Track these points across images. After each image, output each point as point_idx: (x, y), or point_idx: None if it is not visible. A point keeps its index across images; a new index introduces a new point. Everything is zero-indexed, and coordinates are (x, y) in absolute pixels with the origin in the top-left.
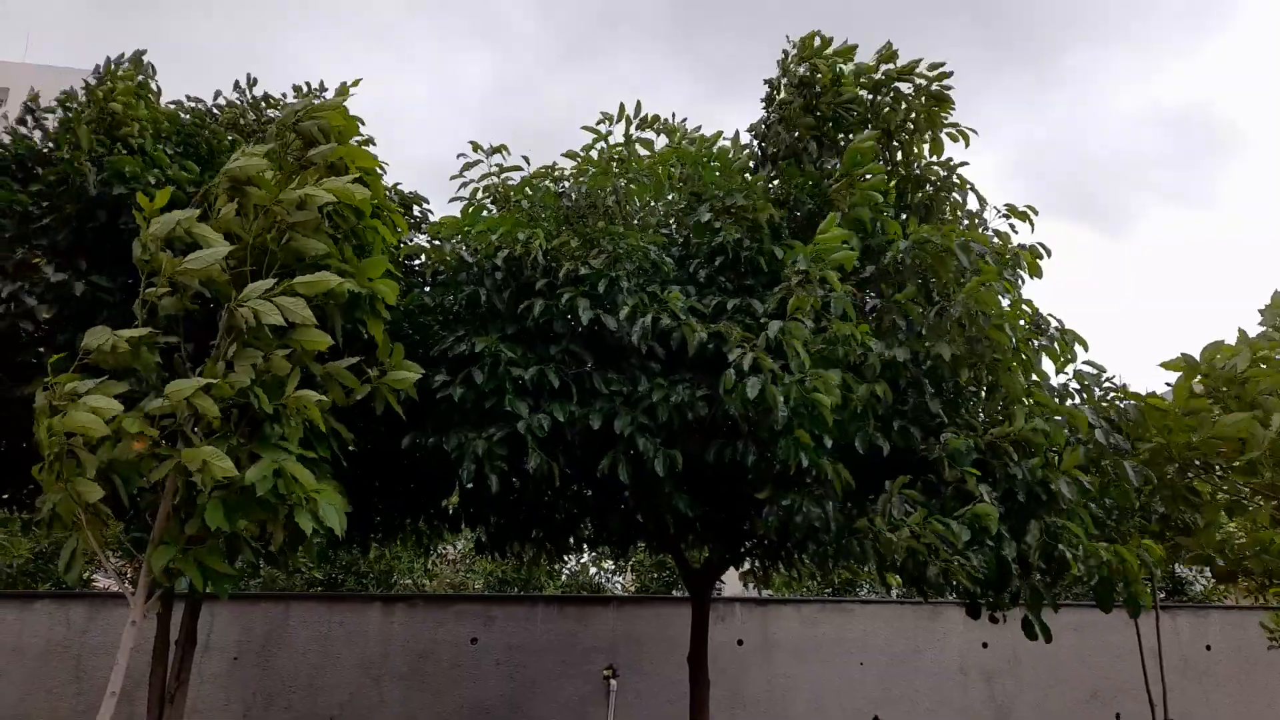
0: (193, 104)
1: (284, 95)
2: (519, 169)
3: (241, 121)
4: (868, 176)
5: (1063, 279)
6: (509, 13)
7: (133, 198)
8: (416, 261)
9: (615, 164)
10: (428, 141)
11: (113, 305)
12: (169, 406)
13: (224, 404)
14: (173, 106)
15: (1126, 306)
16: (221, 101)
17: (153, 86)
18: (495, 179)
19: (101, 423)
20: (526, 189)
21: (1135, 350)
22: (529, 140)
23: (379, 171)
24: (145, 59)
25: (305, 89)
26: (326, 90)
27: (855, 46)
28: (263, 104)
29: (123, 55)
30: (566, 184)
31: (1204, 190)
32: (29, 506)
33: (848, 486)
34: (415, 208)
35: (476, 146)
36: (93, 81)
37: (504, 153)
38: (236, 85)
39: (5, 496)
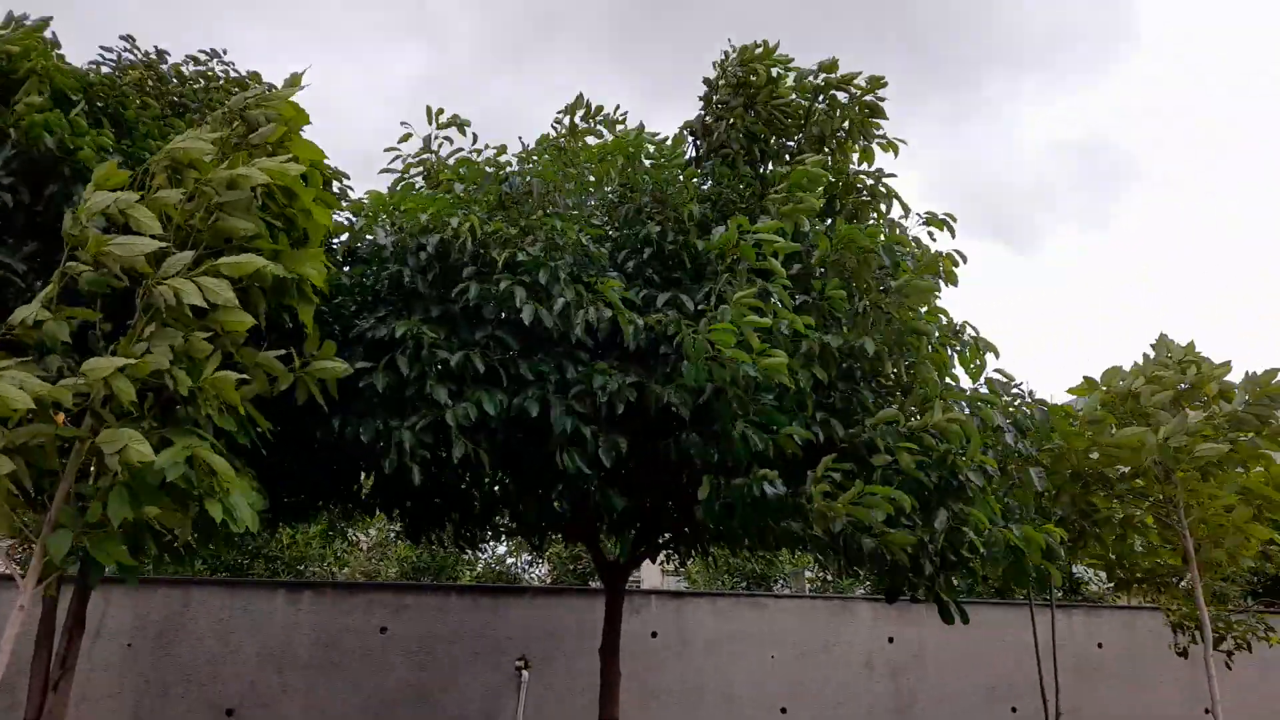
0: (90, 66)
1: (187, 61)
2: (458, 145)
3: (149, 85)
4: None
5: (976, 293)
6: (444, 10)
7: (60, 163)
8: (335, 240)
9: (560, 153)
10: (355, 132)
11: (18, 284)
12: (85, 386)
13: (138, 385)
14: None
15: (1036, 320)
16: (113, 60)
17: (55, 50)
18: (431, 155)
19: (26, 396)
20: (461, 169)
21: (1042, 363)
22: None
23: (325, 164)
24: (50, 26)
25: (206, 55)
26: (226, 53)
27: (791, 58)
28: (150, 68)
29: (25, 15)
30: (508, 170)
31: (1105, 214)
32: None
33: (794, 458)
34: (335, 183)
35: (430, 114)
36: None
37: (462, 130)
38: (123, 38)
39: None
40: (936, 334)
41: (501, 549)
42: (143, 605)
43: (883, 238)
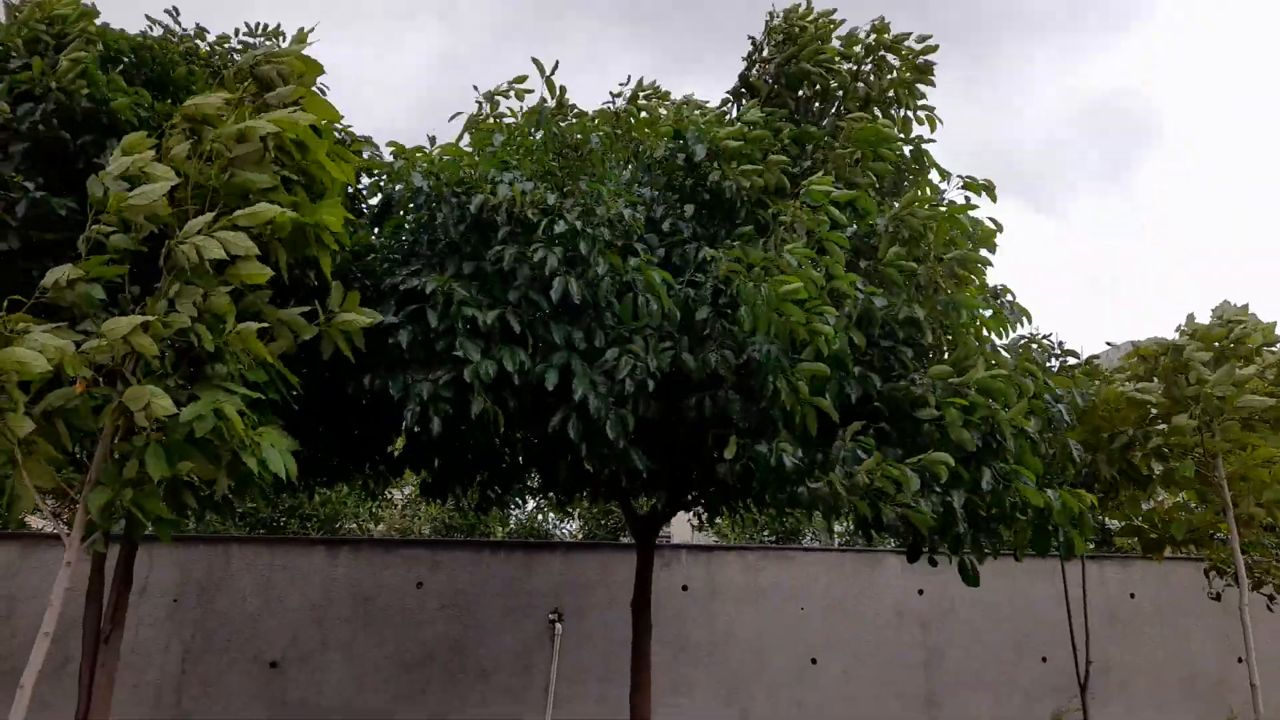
0: (126, 31)
1: (236, 31)
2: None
3: (199, 52)
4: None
5: (1001, 256)
6: None
7: (96, 117)
8: (365, 206)
9: (616, 118)
10: (372, 110)
11: (67, 228)
12: (106, 347)
13: (164, 344)
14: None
15: (1058, 276)
16: (160, 31)
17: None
18: (487, 108)
19: (42, 360)
20: (498, 130)
21: (1066, 318)
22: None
23: (338, 118)
24: None
25: (255, 27)
26: (284, 35)
27: (843, 20)
28: (196, 39)
29: None
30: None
31: (1124, 174)
32: None
33: (807, 433)
34: (364, 151)
35: (516, 87)
36: (15, 2)
37: (520, 96)
38: (167, 11)
39: None
40: (980, 306)
41: (530, 506)
42: (186, 562)
43: (943, 207)
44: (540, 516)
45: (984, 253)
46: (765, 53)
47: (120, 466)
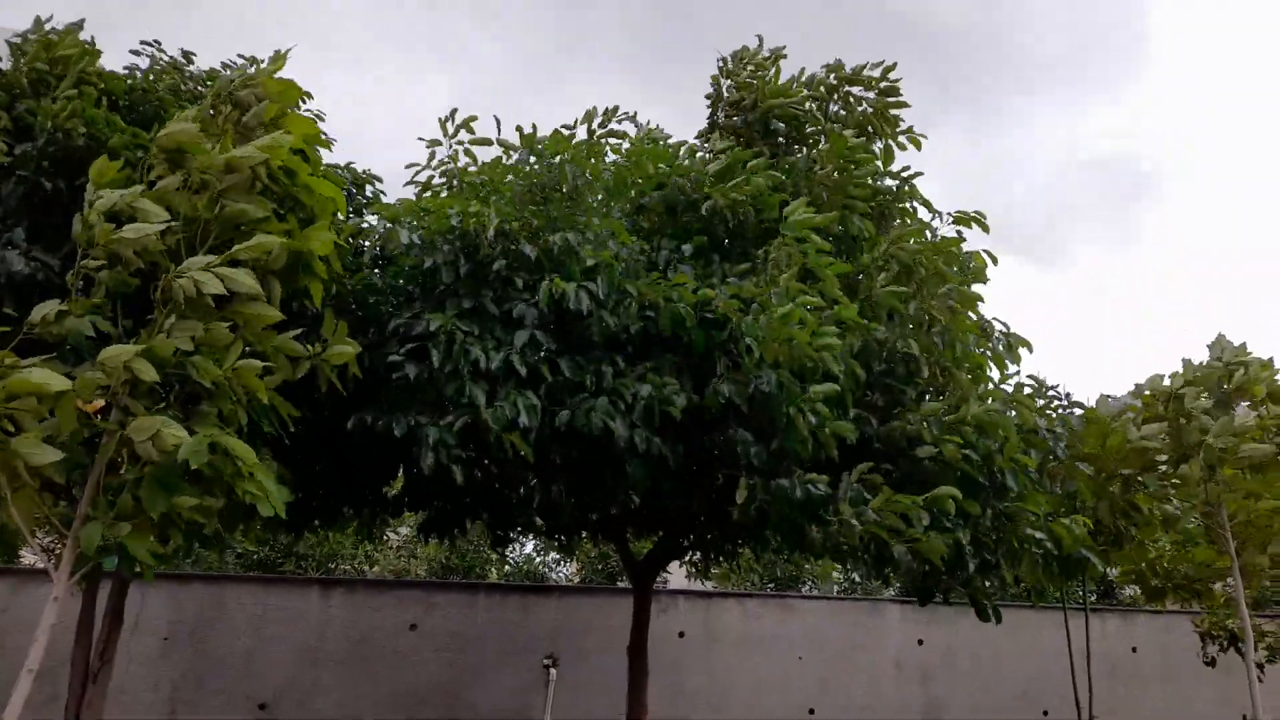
0: (127, 71)
1: (224, 66)
2: (487, 142)
3: (182, 88)
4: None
5: (1002, 307)
6: (471, 39)
7: (93, 155)
8: (366, 242)
9: (583, 149)
10: (385, 161)
11: (56, 285)
12: (104, 378)
13: (160, 374)
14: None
15: (1059, 335)
16: (157, 66)
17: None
18: (451, 164)
19: (62, 380)
20: (484, 175)
21: (1073, 375)
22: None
23: (322, 138)
24: (86, 30)
25: (244, 61)
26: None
27: (787, 54)
28: (189, 68)
29: (51, 16)
30: (533, 162)
31: (1126, 229)
32: None
33: (830, 460)
34: (368, 187)
35: (444, 126)
36: (17, 41)
37: (469, 128)
38: (145, 43)
39: None
40: (973, 340)
41: (529, 548)
42: (179, 600)
43: (928, 233)
44: (539, 558)
45: (976, 287)
46: (726, 95)
47: (112, 500)
